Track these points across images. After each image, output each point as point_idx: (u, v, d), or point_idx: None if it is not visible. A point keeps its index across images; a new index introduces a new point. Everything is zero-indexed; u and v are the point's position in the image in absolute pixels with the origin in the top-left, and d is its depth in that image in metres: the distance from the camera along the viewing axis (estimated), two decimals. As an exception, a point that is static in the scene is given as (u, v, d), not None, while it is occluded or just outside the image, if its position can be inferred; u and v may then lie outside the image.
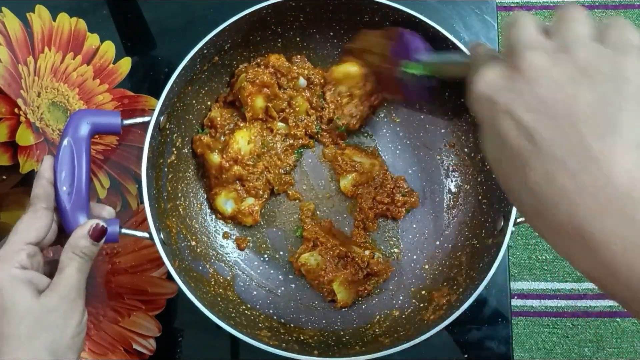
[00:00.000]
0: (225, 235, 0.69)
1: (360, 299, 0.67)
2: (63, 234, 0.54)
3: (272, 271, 0.68)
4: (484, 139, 0.37)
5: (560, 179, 0.32)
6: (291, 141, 0.69)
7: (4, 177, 0.70)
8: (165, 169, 0.64)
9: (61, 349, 0.48)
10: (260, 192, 0.67)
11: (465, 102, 0.65)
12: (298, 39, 0.68)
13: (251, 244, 0.69)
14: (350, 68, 0.67)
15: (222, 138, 0.66)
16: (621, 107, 0.32)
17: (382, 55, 0.61)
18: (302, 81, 0.68)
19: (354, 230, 0.69)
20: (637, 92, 0.32)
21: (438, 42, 0.62)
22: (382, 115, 0.71)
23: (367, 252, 0.66)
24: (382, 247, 0.69)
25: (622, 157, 0.31)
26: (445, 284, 0.65)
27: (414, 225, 0.69)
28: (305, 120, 0.69)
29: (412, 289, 0.67)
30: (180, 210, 0.66)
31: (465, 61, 0.50)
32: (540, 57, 0.34)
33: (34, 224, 0.50)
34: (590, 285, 1.33)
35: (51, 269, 0.52)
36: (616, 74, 0.32)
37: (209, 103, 0.68)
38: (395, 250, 0.69)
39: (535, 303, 1.31)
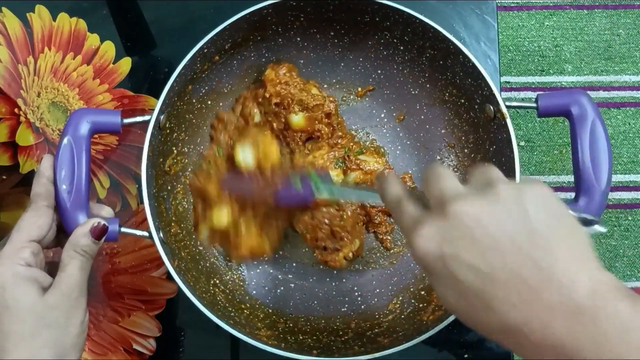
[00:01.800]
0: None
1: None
2: (62, 233, 0.54)
3: (271, 270, 0.68)
4: (440, 290, 0.38)
5: (525, 306, 0.34)
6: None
7: (4, 177, 0.70)
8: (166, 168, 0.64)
9: (64, 348, 0.48)
10: None
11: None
12: (298, 39, 0.68)
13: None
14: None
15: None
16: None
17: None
18: None
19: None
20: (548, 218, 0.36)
21: (438, 42, 0.62)
22: (383, 115, 0.72)
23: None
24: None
25: (577, 273, 0.34)
26: (445, 284, 0.64)
27: (414, 225, 0.69)
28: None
29: (412, 289, 0.67)
30: (180, 209, 0.66)
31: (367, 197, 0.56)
32: (467, 204, 0.37)
33: (36, 221, 0.50)
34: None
35: (51, 270, 0.52)
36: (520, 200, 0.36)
37: (209, 102, 0.68)
38: (395, 249, 0.69)
39: (535, 304, 1.30)
